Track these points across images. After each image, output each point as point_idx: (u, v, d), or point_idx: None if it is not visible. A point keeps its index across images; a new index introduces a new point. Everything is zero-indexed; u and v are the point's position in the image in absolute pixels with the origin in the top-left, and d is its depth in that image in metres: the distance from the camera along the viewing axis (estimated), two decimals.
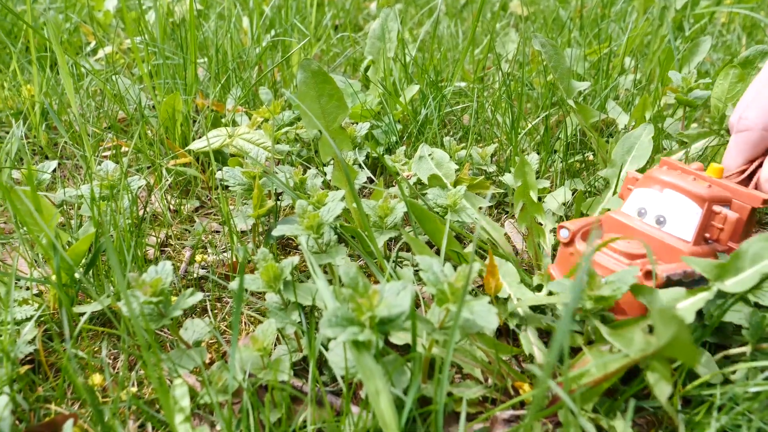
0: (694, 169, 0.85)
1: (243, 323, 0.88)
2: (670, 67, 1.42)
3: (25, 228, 0.84)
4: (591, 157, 1.23)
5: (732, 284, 0.61)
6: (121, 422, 0.68)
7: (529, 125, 1.26)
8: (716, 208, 0.75)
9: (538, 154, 1.18)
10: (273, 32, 1.78)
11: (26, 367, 0.74)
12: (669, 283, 0.68)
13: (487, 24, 2.17)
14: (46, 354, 0.80)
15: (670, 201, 0.78)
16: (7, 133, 1.47)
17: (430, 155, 1.03)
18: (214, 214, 1.19)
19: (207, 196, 1.23)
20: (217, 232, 1.12)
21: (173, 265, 0.78)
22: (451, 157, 1.08)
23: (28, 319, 0.81)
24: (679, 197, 0.77)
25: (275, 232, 0.82)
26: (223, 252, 1.03)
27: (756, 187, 0.85)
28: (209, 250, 1.04)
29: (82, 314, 0.81)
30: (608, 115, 1.31)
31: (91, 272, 0.87)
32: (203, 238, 1.06)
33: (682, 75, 1.14)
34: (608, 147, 1.13)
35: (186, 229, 1.12)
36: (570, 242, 0.80)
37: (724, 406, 0.64)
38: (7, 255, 1.00)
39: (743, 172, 0.88)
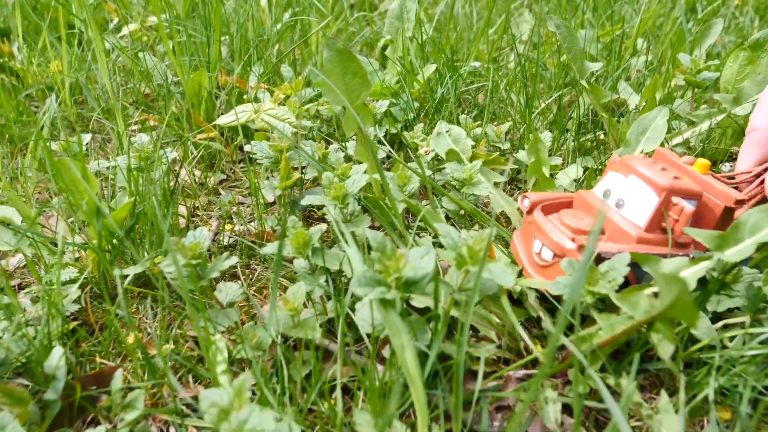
0: (683, 162, 0.87)
1: (270, 288, 0.93)
2: (681, 49, 1.45)
3: (62, 196, 0.89)
4: (602, 136, 1.27)
5: (731, 254, 0.66)
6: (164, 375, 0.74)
7: (543, 105, 1.30)
8: (675, 199, 0.77)
9: (550, 132, 1.23)
10: (291, 10, 1.81)
11: (74, 323, 0.80)
12: (599, 260, 0.73)
13: (502, 4, 2.20)
14: (87, 315, 0.86)
15: (632, 187, 0.80)
16: (37, 107, 1.52)
17: (447, 132, 1.07)
18: (238, 187, 1.24)
19: (231, 169, 1.28)
20: (242, 203, 1.17)
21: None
22: (467, 134, 1.13)
23: (72, 281, 0.87)
24: (640, 184, 0.80)
25: (304, 202, 0.88)
26: (249, 222, 1.08)
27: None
28: (235, 221, 1.09)
29: (124, 276, 0.87)
30: (619, 96, 1.35)
31: (129, 238, 0.92)
32: (229, 209, 1.11)
33: (691, 57, 1.18)
34: (619, 126, 1.17)
35: (212, 201, 1.17)
36: (530, 211, 0.85)
37: (722, 368, 0.69)
38: (45, 222, 1.05)
39: (758, 174, 0.89)
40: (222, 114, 1.36)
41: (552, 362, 0.71)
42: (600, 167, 1.17)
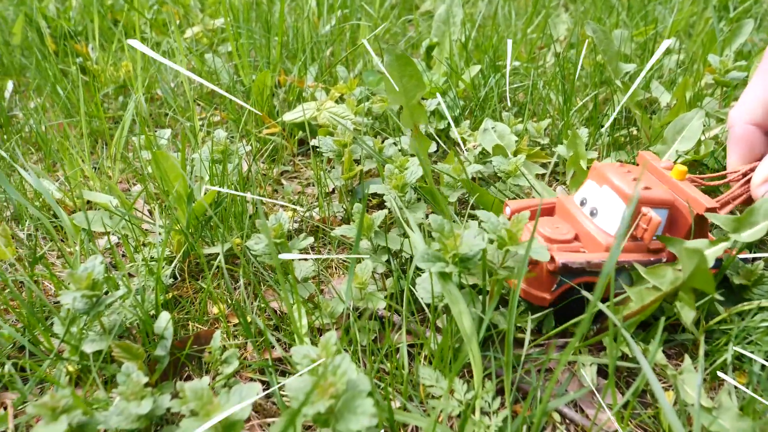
0: (662, 167, 0.90)
1: (334, 267, 1.05)
2: (712, 48, 1.53)
3: (141, 185, 1.01)
4: (635, 132, 1.36)
5: (747, 235, 0.75)
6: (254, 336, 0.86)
7: (580, 103, 1.40)
8: (644, 209, 0.80)
9: (587, 128, 1.32)
10: (339, 12, 1.93)
11: (171, 293, 0.93)
12: (565, 269, 0.78)
13: (539, 2, 2.29)
14: (175, 288, 0.98)
15: (605, 196, 0.84)
16: (110, 105, 1.66)
17: (493, 128, 1.18)
18: (298, 178, 1.36)
19: (290, 162, 1.40)
20: (302, 193, 1.29)
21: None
22: (510, 130, 1.23)
23: (167, 260, 0.99)
24: (611, 194, 0.83)
25: (369, 190, 0.99)
26: (310, 210, 1.20)
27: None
28: (298, 208, 1.21)
29: (208, 255, 0.99)
30: (652, 94, 1.43)
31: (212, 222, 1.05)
32: (291, 197, 1.23)
33: (720, 58, 1.26)
34: (651, 123, 1.26)
35: (275, 190, 1.29)
36: (509, 218, 0.90)
37: (738, 337, 0.79)
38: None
39: (745, 174, 0.91)
40: (280, 111, 1.48)
41: (589, 326, 0.81)
42: (633, 161, 1.26)
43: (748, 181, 0.89)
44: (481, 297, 0.82)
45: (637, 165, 0.94)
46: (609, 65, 1.24)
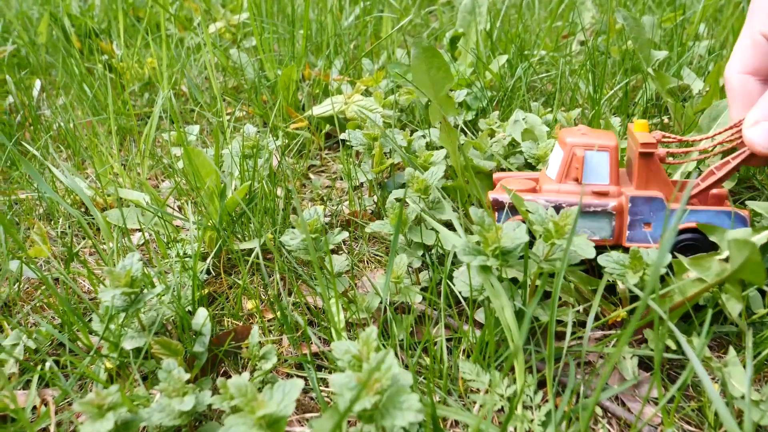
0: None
1: (366, 261, 1.04)
2: None
3: (172, 180, 1.02)
4: (666, 120, 1.34)
5: None
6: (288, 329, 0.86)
7: (611, 92, 1.38)
8: (577, 150, 0.85)
9: (618, 117, 1.30)
10: (362, 4, 1.92)
11: (206, 289, 0.93)
12: (496, 203, 0.87)
13: None
14: (209, 285, 0.99)
15: (555, 150, 0.90)
16: (135, 102, 1.67)
17: (523, 119, 1.16)
18: (325, 172, 1.36)
19: (317, 156, 1.40)
20: (329, 187, 1.29)
21: None
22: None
23: (196, 256, 1.00)
24: (557, 146, 0.90)
25: (391, 196, 0.98)
26: (341, 203, 1.19)
27: None
28: (326, 202, 1.20)
29: (240, 250, 0.99)
30: (683, 82, 1.41)
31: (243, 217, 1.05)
32: (320, 192, 1.23)
33: None
34: (684, 111, 1.24)
35: (303, 184, 1.29)
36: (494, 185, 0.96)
37: None
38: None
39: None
40: (306, 105, 1.48)
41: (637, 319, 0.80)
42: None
43: (740, 130, 0.85)
44: (520, 291, 0.81)
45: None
46: (640, 52, 1.22)
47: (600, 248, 0.81)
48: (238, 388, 0.62)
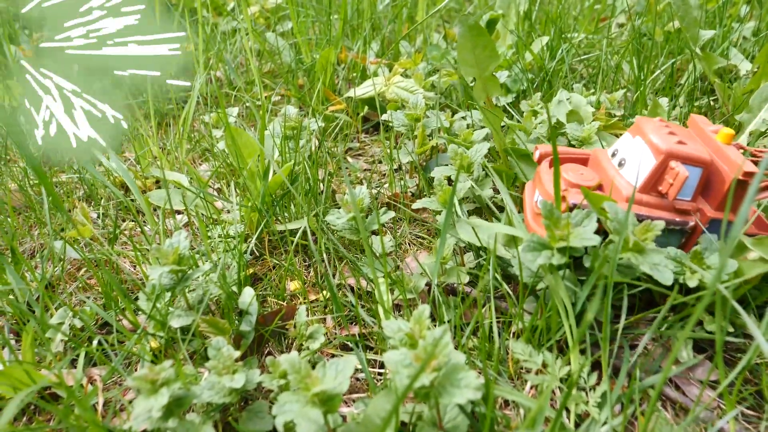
0: (710, 130, 0.84)
1: (407, 243, 1.03)
2: None
3: (214, 162, 1.01)
4: (712, 102, 1.31)
5: None
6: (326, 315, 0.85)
7: (657, 72, 1.35)
8: (673, 163, 0.75)
9: (666, 98, 1.27)
10: None
11: (251, 269, 0.93)
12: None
13: None
14: (250, 264, 0.98)
15: (636, 148, 0.80)
16: (172, 86, 1.67)
17: (568, 99, 1.14)
18: (362, 155, 1.35)
19: (354, 138, 1.39)
20: (368, 170, 1.28)
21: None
22: None
23: (241, 237, 0.99)
24: (642, 146, 0.79)
25: (433, 173, 0.97)
26: (381, 186, 1.18)
27: None
28: (365, 184, 1.19)
29: (282, 231, 0.99)
30: (730, 62, 1.37)
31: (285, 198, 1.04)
32: (359, 174, 1.22)
33: None
34: (731, 92, 1.21)
35: (340, 167, 1.28)
36: (539, 161, 0.88)
37: None
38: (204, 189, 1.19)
39: None
40: (343, 88, 1.47)
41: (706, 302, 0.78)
42: None
43: None
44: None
45: (687, 127, 0.89)
46: (687, 32, 1.19)
47: None
48: (291, 364, 0.61)
